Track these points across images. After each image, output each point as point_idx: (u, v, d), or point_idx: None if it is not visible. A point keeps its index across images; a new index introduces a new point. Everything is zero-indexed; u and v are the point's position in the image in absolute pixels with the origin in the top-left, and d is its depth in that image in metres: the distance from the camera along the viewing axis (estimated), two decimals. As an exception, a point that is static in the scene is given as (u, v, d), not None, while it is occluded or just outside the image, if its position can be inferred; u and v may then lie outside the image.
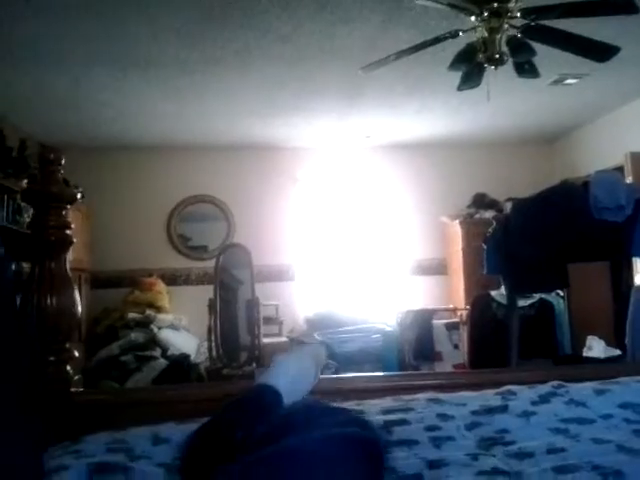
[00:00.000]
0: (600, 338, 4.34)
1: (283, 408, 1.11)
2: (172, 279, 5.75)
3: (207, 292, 4.43)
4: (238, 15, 3.15)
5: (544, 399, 1.35)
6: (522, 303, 4.06)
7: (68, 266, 1.46)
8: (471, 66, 2.87)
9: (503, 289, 3.95)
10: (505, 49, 2.72)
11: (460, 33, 2.77)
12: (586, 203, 3.07)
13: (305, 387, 1.24)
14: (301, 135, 5.60)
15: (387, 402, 1.30)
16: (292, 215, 5.96)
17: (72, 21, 3.16)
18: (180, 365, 4.53)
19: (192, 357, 4.75)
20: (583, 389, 1.45)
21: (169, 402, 1.47)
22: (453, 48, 2.92)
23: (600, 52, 2.81)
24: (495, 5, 2.58)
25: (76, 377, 1.54)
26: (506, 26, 2.66)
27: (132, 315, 5.02)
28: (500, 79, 3.22)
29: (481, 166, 6.03)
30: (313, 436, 0.91)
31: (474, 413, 1.27)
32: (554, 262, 3.35)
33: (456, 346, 5.04)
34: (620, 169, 4.37)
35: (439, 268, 6.04)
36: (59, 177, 1.39)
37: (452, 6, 2.55)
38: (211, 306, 4.32)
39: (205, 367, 4.44)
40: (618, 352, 3.95)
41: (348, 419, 1.08)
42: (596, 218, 3.06)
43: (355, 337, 4.87)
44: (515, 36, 2.71)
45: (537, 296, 4.27)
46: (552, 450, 1.04)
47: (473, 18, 2.68)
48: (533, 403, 1.31)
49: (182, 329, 5.23)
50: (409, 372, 4.23)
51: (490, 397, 1.37)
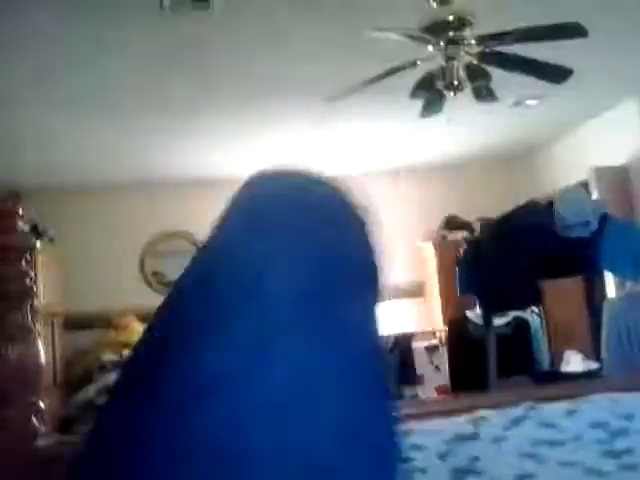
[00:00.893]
0: (578, 351, 4.38)
1: None
2: (148, 317, 5.60)
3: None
4: (198, 53, 3.19)
5: (515, 422, 1.36)
6: (498, 322, 4.09)
7: (33, 314, 1.44)
8: (431, 93, 2.93)
9: (478, 309, 3.98)
10: (463, 75, 2.79)
11: (418, 62, 2.83)
12: (552, 221, 3.12)
13: None
14: (270, 167, 5.62)
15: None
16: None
17: (30, 59, 3.15)
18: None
19: (171, 396, 4.67)
20: (555, 409, 1.45)
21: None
22: (416, 75, 2.98)
23: (555, 74, 2.89)
24: (451, 34, 2.65)
25: (44, 428, 1.51)
26: (462, 53, 2.73)
27: (108, 356, 4.93)
28: (462, 103, 3.28)
29: (451, 188, 6.10)
30: None
31: (446, 442, 1.27)
32: (525, 280, 3.39)
33: (437, 368, 5.04)
34: (585, 184, 4.46)
35: (416, 291, 6.05)
36: (17, 226, 1.38)
37: (407, 37, 2.61)
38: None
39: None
40: (596, 365, 3.99)
41: None
42: (563, 235, 3.11)
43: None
44: (472, 62, 2.78)
45: (512, 314, 4.31)
46: (521, 477, 1.04)
47: (430, 47, 2.74)
48: (504, 428, 1.32)
49: (160, 367, 5.15)
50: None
51: (462, 424, 1.37)
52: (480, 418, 1.39)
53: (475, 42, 2.70)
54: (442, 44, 2.69)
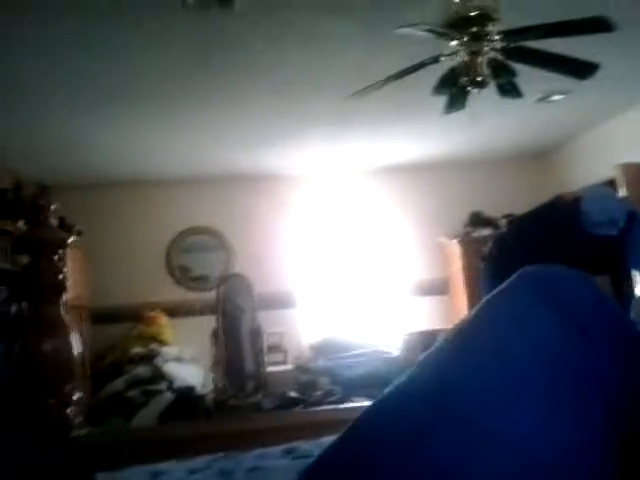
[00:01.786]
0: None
1: None
2: (174, 311, 5.75)
3: (210, 323, 4.43)
4: (222, 51, 3.23)
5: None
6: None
7: (64, 308, 1.49)
8: (455, 90, 2.93)
9: (503, 306, 3.95)
10: (487, 71, 2.77)
11: (442, 58, 2.82)
12: (579, 219, 3.09)
13: None
14: (293, 164, 5.66)
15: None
16: (290, 242, 5.99)
17: (61, 62, 3.23)
18: (186, 398, 4.51)
19: (198, 389, 4.73)
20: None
21: (170, 441, 1.48)
22: (438, 72, 2.98)
23: (580, 70, 2.86)
24: (474, 29, 2.64)
25: (77, 419, 1.56)
26: (486, 49, 2.72)
27: (136, 350, 5.02)
28: (487, 99, 3.27)
29: (476, 184, 6.07)
30: None
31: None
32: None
33: (461, 365, 5.02)
34: (612, 181, 4.40)
35: (440, 288, 6.04)
36: (50, 222, 1.43)
37: (432, 32, 2.61)
38: (214, 336, 4.33)
39: (212, 398, 4.43)
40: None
41: None
42: (590, 233, 3.08)
43: (360, 362, 4.86)
44: (496, 58, 2.76)
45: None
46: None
47: (454, 42, 2.74)
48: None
49: (187, 361, 5.22)
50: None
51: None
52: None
53: (499, 37, 2.69)
54: (466, 39, 2.68)
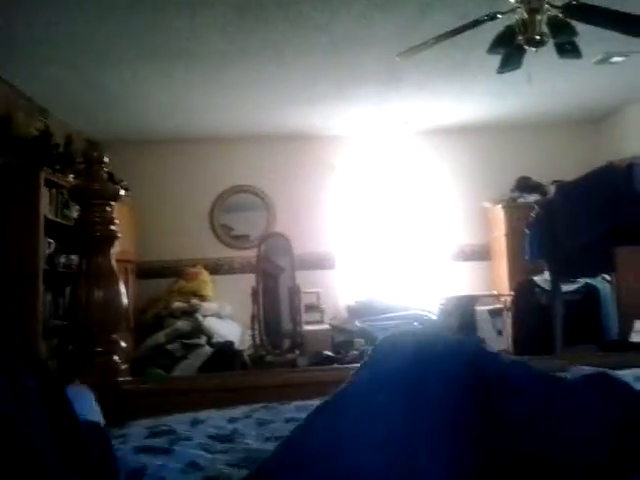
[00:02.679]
0: (649, 323, 4.22)
1: None
2: (215, 268, 5.85)
3: (250, 280, 4.50)
4: (274, 7, 3.17)
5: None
6: (566, 288, 3.98)
7: (114, 259, 1.52)
8: (511, 48, 2.82)
9: (547, 274, 3.89)
10: (545, 30, 2.66)
11: (499, 15, 2.72)
12: (631, 186, 2.98)
13: None
14: (339, 123, 5.60)
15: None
16: (331, 203, 5.98)
17: (117, 17, 3.24)
18: (225, 352, 4.63)
19: (236, 344, 4.84)
20: (623, 377, 1.43)
21: (209, 390, 1.52)
22: (493, 30, 2.87)
23: (645, 29, 2.71)
24: (534, -15, 2.53)
25: (123, 366, 1.61)
26: (547, 6, 2.60)
27: (178, 304, 5.14)
28: (542, 59, 3.14)
29: (525, 149, 5.91)
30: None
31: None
32: (599, 246, 3.27)
33: (499, 332, 4.99)
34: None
35: (482, 254, 5.97)
36: (102, 175, 1.45)
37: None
38: (254, 294, 4.40)
39: (249, 354, 4.53)
40: (668, 337, 3.85)
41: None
42: (642, 200, 2.97)
43: (396, 324, 4.88)
44: (556, 16, 2.64)
45: (582, 281, 4.18)
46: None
47: (512, 0, 2.63)
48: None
49: (226, 317, 5.33)
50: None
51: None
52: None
53: (560, -6, 2.57)
54: (525, -4, 2.57)
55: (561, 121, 5.84)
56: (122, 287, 1.46)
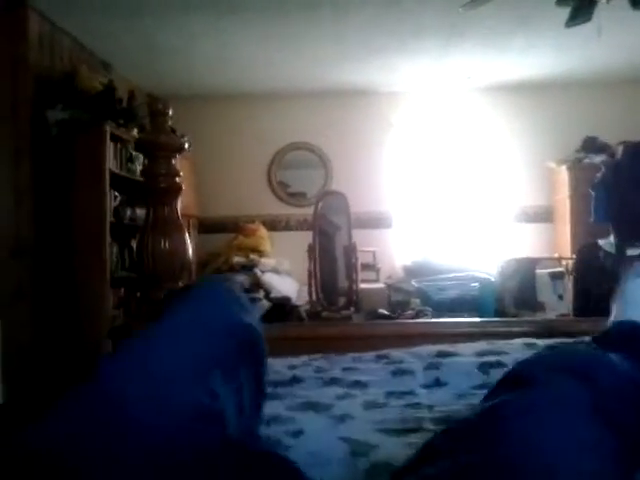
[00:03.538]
0: None
1: None
2: (273, 225, 5.93)
3: (306, 238, 4.54)
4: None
5: None
6: (631, 252, 3.85)
7: (179, 211, 1.57)
8: (581, 0, 2.68)
9: (612, 238, 3.76)
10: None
11: (571, -37, 2.58)
12: None
13: None
14: (398, 78, 5.48)
15: (481, 345, 1.32)
16: (389, 161, 5.92)
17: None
18: (282, 307, 4.73)
19: (293, 300, 4.93)
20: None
21: (269, 339, 1.56)
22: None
23: None
24: None
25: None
26: (624, -48, 2.45)
27: (237, 259, 5.25)
28: (614, 12, 2.97)
29: (592, 107, 5.65)
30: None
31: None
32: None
33: (560, 296, 4.88)
34: None
35: (544, 215, 5.81)
36: (167, 127, 1.48)
37: None
38: (310, 251, 4.45)
39: (305, 309, 4.61)
40: None
41: None
42: None
43: (453, 285, 4.84)
44: (634, -37, 2.48)
45: (649, 245, 4.03)
46: None
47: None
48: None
49: (283, 273, 5.42)
50: (505, 319, 4.15)
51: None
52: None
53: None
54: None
55: (630, 78, 5.53)
56: (187, 237, 1.51)
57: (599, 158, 5.13)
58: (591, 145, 5.44)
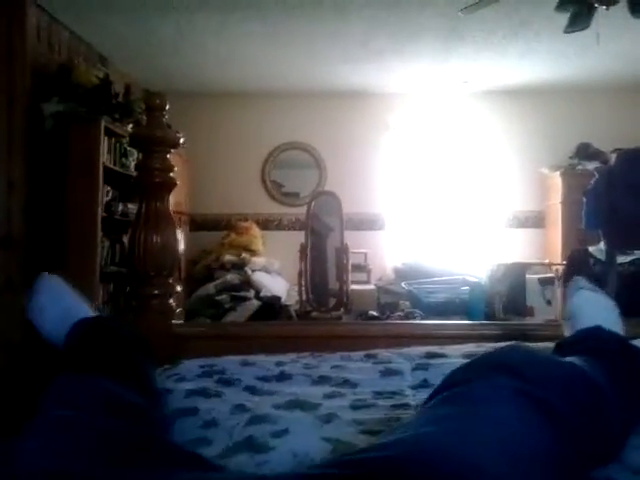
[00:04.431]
0: None
1: None
2: (265, 224, 5.93)
3: (298, 237, 4.54)
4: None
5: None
6: (621, 260, 3.87)
7: (171, 207, 1.57)
8: (580, 6, 2.70)
9: (602, 245, 3.78)
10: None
11: (569, -29, 2.59)
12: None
13: None
14: (395, 80, 5.49)
15: (469, 347, 1.33)
16: (384, 163, 5.93)
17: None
18: (272, 306, 4.73)
19: (283, 299, 4.93)
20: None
21: (259, 337, 1.56)
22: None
23: None
24: (610, -62, 2.39)
25: (178, 310, 1.67)
26: (622, -39, 2.47)
27: (228, 257, 5.24)
28: (612, 20, 3.00)
29: (587, 114, 5.68)
30: None
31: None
32: (660, 218, 3.16)
33: (549, 302, 4.90)
34: None
35: (536, 221, 5.84)
36: (163, 122, 1.48)
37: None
38: (302, 251, 4.45)
39: (295, 309, 4.61)
40: None
41: None
42: None
43: (442, 288, 4.85)
44: (631, -28, 2.50)
45: (638, 252, 4.06)
46: None
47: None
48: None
49: (274, 272, 5.42)
50: (493, 322, 4.16)
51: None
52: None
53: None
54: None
55: (626, 86, 5.57)
56: (178, 233, 1.50)
57: (592, 165, 5.15)
58: (584, 152, 5.47)
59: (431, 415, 0.70)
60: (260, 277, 5.12)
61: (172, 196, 1.59)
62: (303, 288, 4.44)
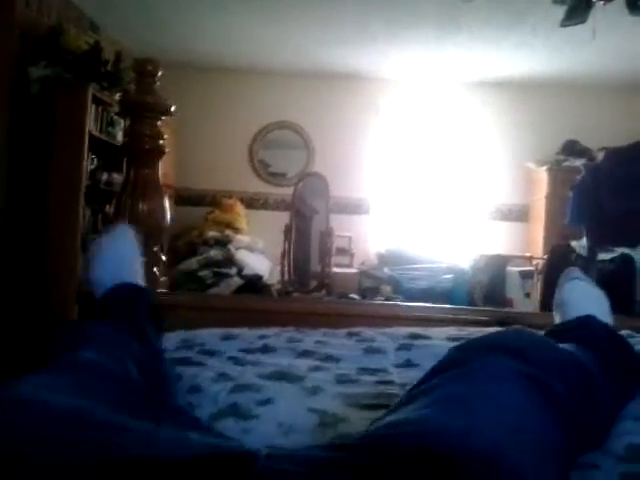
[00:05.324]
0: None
1: None
2: (250, 202, 5.89)
3: (283, 218, 4.53)
4: None
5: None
6: (602, 256, 3.92)
7: (160, 175, 1.54)
8: (577, 0, 2.69)
9: (584, 241, 3.82)
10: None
11: (570, -37, 2.58)
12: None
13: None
14: (388, 66, 5.47)
15: (452, 330, 1.33)
16: (372, 148, 5.92)
17: None
18: (254, 284, 4.72)
19: (265, 278, 4.93)
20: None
21: (242, 310, 1.56)
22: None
23: None
24: None
25: (162, 279, 1.65)
26: (622, -44, 2.46)
27: (212, 233, 5.22)
28: (609, 16, 2.99)
29: (576, 111, 5.70)
30: None
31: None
32: (643, 217, 3.20)
33: (528, 295, 4.96)
34: None
35: (519, 215, 5.88)
36: (155, 88, 1.45)
37: None
38: (286, 232, 4.44)
39: (276, 289, 4.61)
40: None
41: None
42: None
43: (425, 275, 4.89)
44: (632, -32, 2.50)
45: (618, 250, 4.11)
46: None
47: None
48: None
49: (257, 251, 5.41)
50: (477, 307, 4.19)
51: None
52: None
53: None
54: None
55: (620, 84, 5.59)
56: (166, 201, 1.49)
57: (579, 162, 5.19)
58: (571, 149, 5.51)
59: (441, 394, 0.68)
60: (243, 255, 5.11)
61: (160, 167, 1.57)
62: (285, 268, 4.45)
